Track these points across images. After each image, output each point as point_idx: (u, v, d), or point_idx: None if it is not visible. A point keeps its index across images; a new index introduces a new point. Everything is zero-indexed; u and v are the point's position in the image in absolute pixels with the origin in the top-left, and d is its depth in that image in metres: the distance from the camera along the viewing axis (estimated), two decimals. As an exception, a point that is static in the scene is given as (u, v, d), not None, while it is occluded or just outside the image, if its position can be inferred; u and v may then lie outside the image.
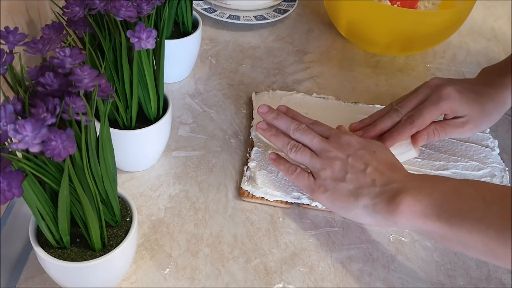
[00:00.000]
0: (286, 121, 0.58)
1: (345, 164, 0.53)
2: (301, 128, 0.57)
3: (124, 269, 0.48)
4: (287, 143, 0.57)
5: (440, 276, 0.53)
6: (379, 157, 0.53)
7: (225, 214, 0.57)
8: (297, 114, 0.61)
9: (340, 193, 0.52)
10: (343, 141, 0.55)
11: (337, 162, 0.53)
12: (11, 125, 0.32)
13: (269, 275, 0.52)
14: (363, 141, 0.55)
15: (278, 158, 0.58)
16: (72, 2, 0.46)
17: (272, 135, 0.58)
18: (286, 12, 0.90)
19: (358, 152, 0.53)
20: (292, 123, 0.58)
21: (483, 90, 0.61)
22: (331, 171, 0.53)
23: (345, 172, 0.52)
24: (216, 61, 0.80)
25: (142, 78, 0.53)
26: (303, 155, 0.55)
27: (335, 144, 0.55)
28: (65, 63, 0.38)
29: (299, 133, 0.57)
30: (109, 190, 0.44)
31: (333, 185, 0.52)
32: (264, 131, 0.59)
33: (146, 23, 0.50)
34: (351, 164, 0.53)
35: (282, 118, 0.59)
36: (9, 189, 0.33)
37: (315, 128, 0.58)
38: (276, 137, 0.58)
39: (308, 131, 0.56)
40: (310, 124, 0.58)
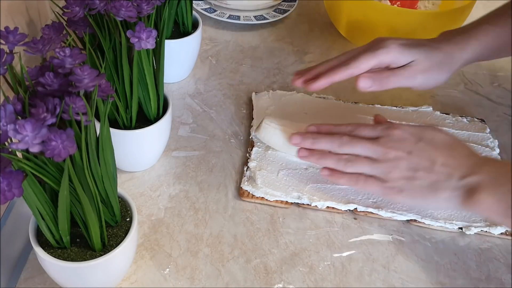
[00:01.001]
0: (326, 141, 0.56)
1: (410, 162, 0.52)
2: (346, 141, 0.54)
3: (124, 269, 0.48)
4: (337, 159, 0.55)
5: (440, 276, 0.53)
6: (439, 143, 0.52)
7: (225, 214, 0.57)
8: (330, 126, 0.58)
9: (417, 190, 0.51)
10: (396, 137, 0.53)
11: (401, 162, 0.52)
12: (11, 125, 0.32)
13: (269, 275, 0.52)
14: (415, 130, 0.54)
15: (333, 171, 0.55)
16: (72, 2, 0.46)
17: (319, 158, 0.56)
18: (286, 12, 0.90)
19: (418, 146, 0.52)
20: (333, 140, 0.55)
21: (429, 43, 0.59)
22: (399, 171, 0.52)
23: (414, 170, 0.52)
24: (216, 61, 0.80)
25: (142, 78, 0.53)
26: (361, 166, 0.54)
27: (389, 143, 0.53)
28: (65, 63, 0.38)
29: (346, 147, 0.54)
30: (109, 190, 0.44)
31: (406, 185, 0.52)
32: (308, 157, 0.57)
33: (146, 23, 0.50)
34: (416, 162, 0.52)
35: (321, 140, 0.56)
36: (9, 189, 0.33)
37: (358, 133, 0.55)
38: (324, 159, 0.55)
39: (354, 141, 0.54)
40: (351, 131, 0.56)
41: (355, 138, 0.55)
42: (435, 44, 0.59)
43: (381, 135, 0.54)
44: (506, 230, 0.56)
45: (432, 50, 0.58)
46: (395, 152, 0.52)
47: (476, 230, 0.56)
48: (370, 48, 0.58)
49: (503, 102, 0.78)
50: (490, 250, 0.56)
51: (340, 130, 0.57)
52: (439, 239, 0.57)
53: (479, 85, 0.81)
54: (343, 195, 0.58)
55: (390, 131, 0.54)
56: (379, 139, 0.54)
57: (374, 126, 0.56)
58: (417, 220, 0.57)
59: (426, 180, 0.51)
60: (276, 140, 0.61)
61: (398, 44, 0.57)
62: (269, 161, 0.62)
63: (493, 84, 0.81)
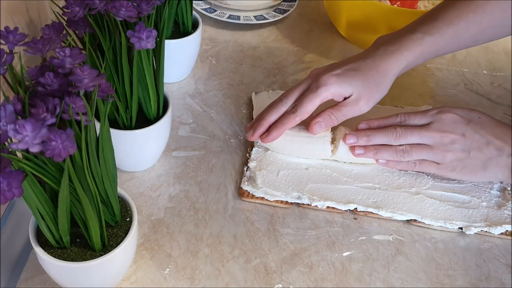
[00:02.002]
0: (381, 135, 0.59)
1: (463, 143, 0.56)
2: (401, 133, 0.58)
3: (124, 269, 0.48)
4: (394, 151, 0.58)
5: (440, 276, 0.53)
6: (487, 124, 0.57)
7: (225, 214, 0.57)
8: (379, 121, 0.61)
9: (469, 168, 0.57)
10: (448, 120, 0.57)
11: (455, 145, 0.56)
12: (11, 125, 0.32)
13: (269, 275, 0.52)
14: (464, 112, 0.58)
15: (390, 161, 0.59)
16: (72, 2, 0.46)
17: (376, 153, 0.59)
18: (286, 12, 0.90)
19: (469, 128, 0.57)
20: (388, 133, 0.58)
21: (363, 65, 0.60)
22: (453, 153, 0.56)
23: (467, 151, 0.56)
24: (216, 61, 0.80)
25: (142, 78, 0.53)
26: (417, 153, 0.57)
27: (442, 127, 0.57)
28: (65, 63, 0.38)
29: (401, 138, 0.58)
30: (109, 190, 0.44)
31: (459, 164, 0.57)
32: (365, 153, 0.59)
33: (146, 23, 0.50)
34: (469, 143, 0.56)
35: (376, 135, 0.59)
36: (9, 189, 0.33)
37: (410, 122, 0.59)
38: (381, 152, 0.59)
39: (408, 131, 0.58)
40: (401, 122, 0.59)
41: (409, 129, 0.58)
42: (369, 62, 0.60)
43: (432, 120, 0.58)
44: (506, 230, 0.56)
45: (367, 74, 0.59)
46: (450, 135, 0.56)
47: (476, 230, 0.56)
48: (311, 89, 0.59)
49: (503, 102, 0.78)
50: (490, 250, 0.56)
51: (391, 122, 0.60)
52: (439, 239, 0.57)
53: (479, 85, 0.81)
54: (343, 195, 0.58)
55: (441, 115, 0.57)
56: (431, 125, 0.57)
57: (423, 113, 0.59)
58: (417, 220, 0.57)
59: (478, 159, 0.56)
60: (277, 143, 0.61)
61: (335, 78, 0.59)
62: (269, 161, 0.62)
63: (493, 84, 0.81)
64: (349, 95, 0.59)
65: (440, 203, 0.58)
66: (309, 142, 0.60)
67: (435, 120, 0.58)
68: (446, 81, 0.81)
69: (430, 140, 0.57)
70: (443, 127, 0.57)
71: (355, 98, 0.59)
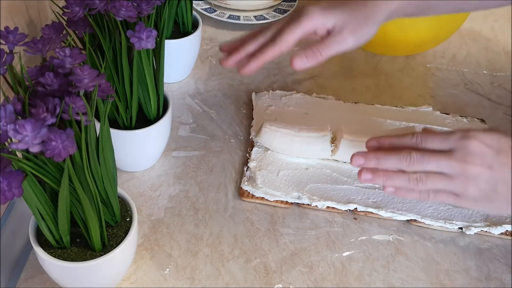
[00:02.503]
0: (393, 160, 0.50)
1: (490, 177, 0.47)
2: (416, 159, 0.49)
3: (124, 269, 0.48)
4: (407, 180, 0.50)
5: (440, 276, 0.53)
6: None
7: (225, 214, 0.57)
8: (393, 138, 0.53)
9: (494, 202, 0.48)
10: (473, 150, 0.48)
11: (480, 177, 0.47)
12: (11, 125, 0.32)
13: (269, 275, 0.52)
14: (493, 141, 0.49)
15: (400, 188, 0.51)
16: (72, 2, 0.46)
17: (386, 179, 0.51)
18: (286, 12, 0.90)
19: (498, 160, 0.48)
20: (401, 158, 0.50)
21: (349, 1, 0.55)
22: (477, 187, 0.48)
23: (494, 184, 0.48)
24: (216, 61, 0.80)
25: (142, 78, 0.53)
26: (434, 183, 0.49)
27: (467, 157, 0.48)
28: (65, 63, 0.38)
29: (416, 165, 0.49)
30: (109, 190, 0.44)
31: (483, 197, 0.48)
32: (373, 179, 0.51)
33: (146, 23, 0.50)
34: (498, 177, 0.47)
35: (387, 158, 0.51)
36: (9, 189, 0.33)
37: (428, 145, 0.50)
38: (391, 179, 0.50)
39: (425, 157, 0.49)
40: (418, 143, 0.51)
41: (426, 154, 0.49)
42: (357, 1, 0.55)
43: (455, 147, 0.49)
44: (506, 230, 0.56)
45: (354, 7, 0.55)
46: (474, 168, 0.47)
47: (476, 230, 0.56)
48: (293, 18, 0.54)
49: (503, 102, 0.78)
50: (490, 250, 0.56)
51: (405, 143, 0.51)
52: (439, 239, 0.57)
53: (479, 85, 0.81)
54: (343, 195, 0.58)
55: (466, 143, 0.48)
56: (454, 153, 0.49)
57: (445, 136, 0.50)
58: (417, 220, 0.57)
59: (506, 195, 0.48)
60: (277, 143, 0.61)
61: (319, 8, 0.54)
62: (269, 161, 0.62)
63: (493, 84, 0.81)
64: (332, 26, 0.54)
65: (440, 203, 0.58)
66: (309, 142, 0.60)
67: (458, 148, 0.48)
68: (446, 81, 0.81)
69: (450, 169, 0.48)
70: (467, 157, 0.48)
71: (339, 29, 0.53)
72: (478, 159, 0.48)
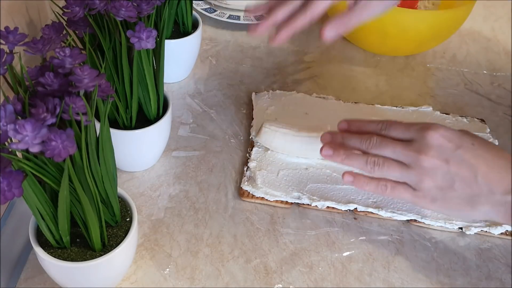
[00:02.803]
0: (355, 139, 0.52)
1: (447, 172, 0.47)
2: (375, 142, 0.50)
3: (124, 269, 0.48)
4: (365, 161, 0.50)
5: (440, 276, 0.53)
6: (480, 153, 0.47)
7: (225, 214, 0.57)
8: (361, 122, 0.54)
9: (453, 202, 0.48)
10: (432, 142, 0.48)
11: (436, 171, 0.47)
12: (11, 125, 0.32)
13: (269, 275, 0.52)
14: (453, 136, 0.48)
15: (358, 177, 0.52)
16: (72, 2, 0.46)
17: (344, 158, 0.52)
18: (286, 12, 0.90)
19: (457, 154, 0.47)
20: (362, 139, 0.51)
21: None
22: (433, 180, 0.47)
23: (451, 180, 0.47)
24: (216, 61, 0.80)
25: (142, 78, 0.53)
26: (390, 170, 0.49)
27: (424, 147, 0.48)
28: (65, 63, 0.38)
29: (375, 148, 0.50)
30: (109, 190, 0.44)
31: (441, 194, 0.48)
32: (333, 156, 0.52)
33: (146, 23, 0.50)
34: (454, 172, 0.47)
35: (350, 138, 0.53)
36: (9, 189, 0.33)
37: (390, 133, 0.51)
38: (349, 159, 0.51)
39: (385, 142, 0.50)
40: (382, 129, 0.52)
41: (386, 140, 0.50)
42: None
43: (415, 137, 0.49)
44: (506, 230, 0.56)
45: None
46: (430, 160, 0.47)
47: (476, 230, 0.56)
48: None
49: (503, 102, 0.78)
50: (490, 250, 0.56)
51: (371, 128, 0.53)
52: (439, 239, 0.57)
53: (479, 85, 0.81)
54: (343, 195, 0.58)
55: (426, 134, 0.48)
56: (413, 142, 0.49)
57: (408, 126, 0.51)
58: (417, 220, 0.57)
59: (464, 192, 0.47)
60: (277, 143, 0.61)
61: None
62: (269, 161, 0.62)
63: (493, 84, 0.81)
64: None
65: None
66: (309, 142, 0.60)
67: (417, 138, 0.48)
68: (446, 81, 0.81)
69: (406, 158, 0.48)
70: (423, 148, 0.47)
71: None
72: (434, 151, 0.47)
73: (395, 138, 0.50)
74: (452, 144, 0.48)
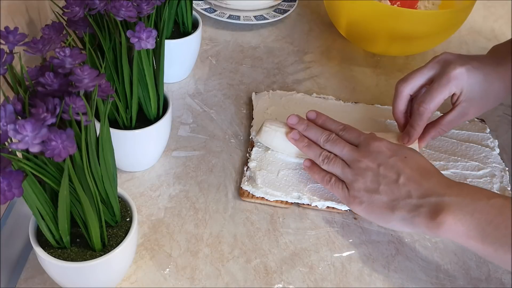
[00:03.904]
0: (316, 131, 0.58)
1: (376, 174, 0.52)
2: (330, 139, 0.57)
3: (124, 269, 0.48)
4: (319, 154, 0.57)
5: (440, 276, 0.53)
6: (410, 163, 0.52)
7: (225, 214, 0.57)
8: (327, 119, 0.60)
9: (376, 205, 0.51)
10: (373, 148, 0.54)
11: (368, 172, 0.52)
12: (11, 125, 0.32)
13: (269, 275, 0.52)
14: (393, 146, 0.54)
15: (313, 166, 0.58)
16: (72, 2, 0.46)
17: (304, 146, 0.58)
18: (286, 12, 0.90)
19: (389, 161, 0.52)
20: (322, 133, 0.57)
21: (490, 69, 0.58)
22: (363, 182, 0.52)
23: (378, 183, 0.52)
24: (216, 61, 0.80)
25: (142, 78, 0.53)
26: (335, 166, 0.55)
27: (365, 152, 0.54)
28: (65, 63, 0.38)
29: (329, 144, 0.56)
30: (109, 190, 0.44)
31: (367, 197, 0.52)
32: (297, 141, 0.59)
33: (146, 23, 0.50)
34: (383, 175, 0.52)
35: (312, 129, 0.58)
36: (9, 189, 0.33)
37: (344, 135, 0.57)
38: (308, 148, 0.58)
39: (337, 141, 0.56)
40: (340, 130, 0.58)
41: (339, 140, 0.56)
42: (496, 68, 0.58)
43: (362, 143, 0.55)
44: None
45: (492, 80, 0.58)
46: (366, 162, 0.53)
47: (476, 230, 0.56)
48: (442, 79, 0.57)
49: (503, 102, 0.78)
50: (490, 250, 0.56)
51: (332, 126, 0.59)
52: (439, 239, 0.57)
53: (479, 85, 0.81)
54: (343, 195, 0.58)
55: (371, 141, 0.55)
56: (359, 147, 0.55)
57: (361, 133, 0.57)
58: (417, 220, 0.57)
59: (386, 197, 0.51)
60: (277, 143, 0.61)
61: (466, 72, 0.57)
62: (269, 161, 0.62)
63: (493, 84, 0.81)
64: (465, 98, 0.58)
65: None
66: (309, 142, 0.60)
67: (363, 144, 0.55)
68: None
69: (348, 158, 0.54)
70: (365, 152, 0.54)
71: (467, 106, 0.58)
72: (372, 156, 0.53)
73: (348, 140, 0.57)
74: (389, 152, 0.53)
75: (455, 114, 0.60)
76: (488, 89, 0.58)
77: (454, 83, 0.57)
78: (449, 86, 0.57)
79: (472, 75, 0.57)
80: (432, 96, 0.57)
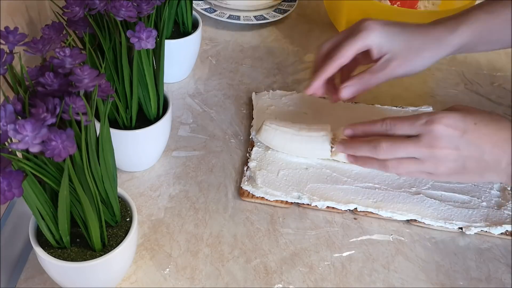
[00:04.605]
0: (365, 149, 0.54)
1: (457, 158, 0.50)
2: (386, 148, 0.52)
3: (124, 269, 0.48)
4: (383, 166, 0.54)
5: (440, 276, 0.53)
6: (483, 131, 0.50)
7: (225, 214, 0.57)
8: (365, 127, 0.56)
9: (464, 176, 0.52)
10: (439, 135, 0.50)
11: (448, 159, 0.51)
12: (11, 125, 0.32)
13: (269, 275, 0.52)
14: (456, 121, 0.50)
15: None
16: (72, 2, 0.46)
17: (363, 164, 0.56)
18: (286, 12, 0.90)
19: (464, 139, 0.50)
20: (370, 148, 0.53)
21: (412, 27, 0.57)
22: (446, 166, 0.51)
23: (462, 163, 0.51)
24: (216, 61, 0.80)
25: (142, 78, 0.53)
26: (407, 168, 0.53)
27: (433, 141, 0.50)
28: (65, 63, 0.38)
29: (387, 153, 0.52)
30: (109, 190, 0.44)
31: (453, 174, 0.52)
32: (355, 163, 0.57)
33: (146, 23, 0.50)
34: (465, 156, 0.50)
35: (360, 148, 0.55)
36: (9, 189, 0.33)
37: (396, 130, 0.53)
38: (369, 164, 0.55)
39: (394, 146, 0.52)
40: (387, 129, 0.53)
41: (395, 142, 0.52)
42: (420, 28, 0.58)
43: (421, 132, 0.51)
44: (506, 230, 0.56)
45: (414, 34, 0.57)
46: (442, 151, 0.50)
47: (476, 230, 0.56)
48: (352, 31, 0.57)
49: (503, 102, 0.78)
50: (490, 250, 0.56)
51: (376, 130, 0.54)
52: (439, 239, 0.57)
53: (479, 85, 0.81)
54: (343, 195, 0.58)
55: (431, 127, 0.50)
56: (421, 138, 0.51)
57: (411, 121, 0.52)
58: (417, 220, 0.57)
59: (474, 169, 0.51)
60: (277, 141, 0.61)
61: (377, 23, 0.56)
62: (269, 161, 0.62)
63: (493, 84, 0.81)
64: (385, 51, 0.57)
65: (440, 203, 0.58)
66: (309, 141, 0.60)
67: (424, 132, 0.51)
68: (446, 81, 0.81)
69: (420, 154, 0.51)
70: (433, 141, 0.50)
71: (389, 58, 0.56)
72: (444, 142, 0.50)
73: (402, 135, 0.53)
74: (458, 131, 0.50)
75: (377, 65, 0.58)
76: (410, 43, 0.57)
77: (365, 33, 0.56)
78: (360, 35, 0.56)
79: (388, 28, 0.57)
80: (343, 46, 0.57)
